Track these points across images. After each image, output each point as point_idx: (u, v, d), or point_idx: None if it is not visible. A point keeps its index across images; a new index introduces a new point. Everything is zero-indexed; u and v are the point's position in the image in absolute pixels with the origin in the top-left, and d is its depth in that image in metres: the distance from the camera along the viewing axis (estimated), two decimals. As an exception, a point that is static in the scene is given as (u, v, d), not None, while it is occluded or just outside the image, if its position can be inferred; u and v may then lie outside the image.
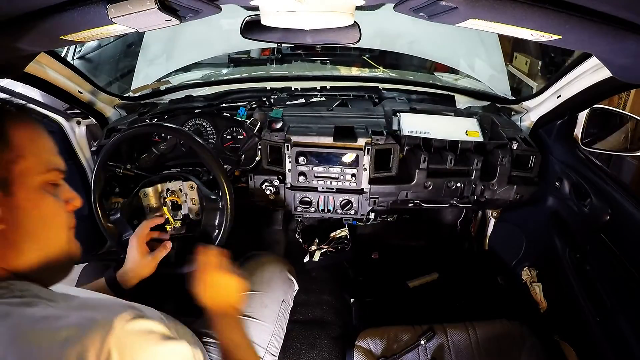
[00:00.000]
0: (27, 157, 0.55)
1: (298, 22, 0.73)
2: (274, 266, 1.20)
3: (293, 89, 1.67)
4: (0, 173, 0.53)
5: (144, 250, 1.01)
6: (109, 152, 1.12)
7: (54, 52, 1.21)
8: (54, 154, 0.60)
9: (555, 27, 0.59)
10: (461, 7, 0.54)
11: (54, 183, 0.59)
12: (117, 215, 1.13)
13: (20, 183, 0.54)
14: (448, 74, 2.31)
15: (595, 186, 1.13)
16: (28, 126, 0.57)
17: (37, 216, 0.57)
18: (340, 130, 1.28)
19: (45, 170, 0.57)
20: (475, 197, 1.34)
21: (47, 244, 0.58)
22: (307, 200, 1.35)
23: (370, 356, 1.09)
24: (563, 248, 1.27)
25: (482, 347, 1.12)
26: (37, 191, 0.56)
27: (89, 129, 1.51)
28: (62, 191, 0.62)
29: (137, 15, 0.59)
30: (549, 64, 3.09)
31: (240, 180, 1.36)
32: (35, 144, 0.57)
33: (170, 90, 1.76)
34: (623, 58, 0.73)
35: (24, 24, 0.64)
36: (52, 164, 0.59)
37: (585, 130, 1.21)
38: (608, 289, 1.08)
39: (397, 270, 1.75)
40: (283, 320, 1.12)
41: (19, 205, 0.54)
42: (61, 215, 0.60)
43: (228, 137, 1.42)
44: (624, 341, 1.00)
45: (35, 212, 0.56)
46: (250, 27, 0.93)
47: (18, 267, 0.55)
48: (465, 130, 1.37)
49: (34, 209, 0.56)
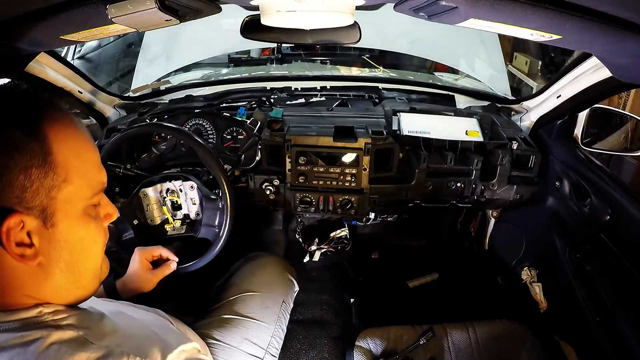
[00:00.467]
0: (73, 181, 0.47)
1: (298, 22, 0.73)
2: (275, 267, 1.20)
3: (293, 89, 1.67)
4: (41, 201, 0.45)
5: (145, 265, 0.99)
6: (109, 152, 1.12)
7: (54, 52, 1.21)
8: (99, 168, 0.52)
9: (555, 27, 0.59)
10: (461, 7, 0.54)
11: (95, 204, 0.52)
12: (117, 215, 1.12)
13: (64, 212, 0.47)
14: (448, 74, 2.31)
15: (595, 186, 1.13)
16: (70, 130, 0.48)
17: (79, 247, 0.50)
18: (340, 130, 1.28)
19: (92, 194, 0.50)
20: (475, 197, 1.34)
21: (84, 273, 0.53)
22: (307, 200, 1.35)
23: (370, 356, 1.09)
24: (563, 248, 1.27)
25: (482, 347, 1.12)
26: (79, 218, 0.49)
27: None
28: (102, 207, 0.55)
29: (137, 15, 0.59)
30: (549, 64, 3.09)
31: (240, 180, 1.35)
32: (82, 159, 0.48)
33: (170, 90, 1.76)
34: (623, 58, 0.73)
35: (24, 24, 0.64)
36: (98, 184, 0.51)
37: (585, 130, 1.21)
38: (608, 289, 1.08)
39: (397, 270, 1.75)
40: (283, 320, 1.12)
41: (60, 237, 0.47)
42: (101, 238, 0.54)
43: (228, 137, 1.42)
44: (624, 341, 1.00)
45: (77, 242, 0.50)
46: (250, 27, 0.93)
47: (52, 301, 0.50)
48: (465, 130, 1.37)
49: (76, 241, 0.50)
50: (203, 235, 1.15)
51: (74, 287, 0.52)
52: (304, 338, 1.42)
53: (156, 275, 0.97)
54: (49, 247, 0.47)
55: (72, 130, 0.49)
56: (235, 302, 1.06)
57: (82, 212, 0.50)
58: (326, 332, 1.45)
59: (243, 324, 1.01)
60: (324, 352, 1.39)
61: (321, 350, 1.39)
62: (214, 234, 1.12)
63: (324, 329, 1.46)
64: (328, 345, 1.41)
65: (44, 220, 0.46)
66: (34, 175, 0.44)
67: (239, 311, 1.04)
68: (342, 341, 1.41)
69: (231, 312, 1.03)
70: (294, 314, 1.16)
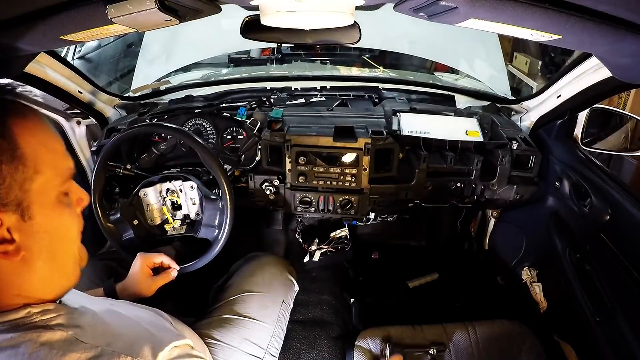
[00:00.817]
0: (43, 171, 0.48)
1: (298, 22, 0.73)
2: (275, 267, 1.20)
3: (293, 89, 1.67)
4: (15, 196, 0.45)
5: (146, 271, 1.00)
6: (109, 152, 1.12)
7: (54, 52, 1.21)
8: (65, 155, 0.53)
9: (555, 27, 0.59)
10: (461, 7, 0.54)
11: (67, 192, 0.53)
12: (117, 215, 1.13)
13: (39, 203, 0.47)
14: (448, 74, 2.31)
15: (595, 186, 1.13)
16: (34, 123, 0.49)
17: (58, 236, 0.51)
18: (340, 130, 1.28)
19: (62, 181, 0.51)
20: (475, 197, 1.34)
21: (64, 260, 0.54)
22: (307, 200, 1.35)
23: (370, 356, 1.09)
24: (563, 248, 1.27)
25: (482, 347, 1.12)
26: (54, 207, 0.50)
27: (89, 129, 1.51)
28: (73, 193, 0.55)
29: (137, 15, 0.59)
30: (549, 64, 3.09)
31: (240, 180, 1.35)
32: (48, 149, 0.49)
33: (170, 90, 1.76)
34: (623, 58, 0.73)
35: (24, 24, 0.64)
36: (67, 170, 0.52)
37: (585, 130, 1.21)
38: (608, 289, 1.08)
39: (397, 270, 1.75)
40: (283, 321, 1.12)
41: (39, 229, 0.48)
42: (75, 224, 0.55)
43: (228, 137, 1.42)
44: (624, 341, 1.00)
45: (55, 231, 0.50)
46: (250, 27, 0.93)
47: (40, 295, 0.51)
48: (465, 130, 1.37)
49: (54, 230, 0.50)
50: (203, 235, 1.15)
51: (57, 276, 0.53)
52: (304, 338, 1.42)
53: (156, 282, 0.98)
54: (29, 240, 0.47)
55: (36, 122, 0.49)
56: (235, 302, 1.06)
57: (56, 201, 0.50)
58: (326, 332, 1.45)
59: (243, 324, 1.01)
60: (324, 352, 1.39)
61: (321, 350, 1.39)
62: (214, 234, 1.12)
63: (324, 329, 1.46)
64: (328, 345, 1.41)
65: (21, 214, 0.46)
66: (5, 172, 0.44)
67: (239, 311, 1.04)
68: (342, 341, 1.41)
69: (231, 312, 1.03)
70: (294, 314, 1.16)
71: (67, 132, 1.48)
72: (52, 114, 1.43)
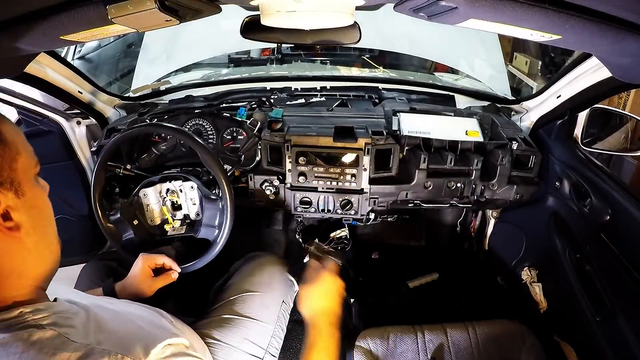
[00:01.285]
0: (22, 152, 0.53)
1: (298, 22, 0.73)
2: (274, 267, 1.20)
3: (293, 89, 1.67)
4: (7, 175, 0.50)
5: (147, 272, 1.00)
6: (109, 152, 1.12)
7: (54, 52, 1.21)
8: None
9: (555, 27, 0.59)
10: (461, 7, 0.54)
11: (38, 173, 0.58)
12: (117, 215, 1.13)
13: (26, 180, 0.52)
14: (448, 74, 2.31)
15: (595, 186, 1.13)
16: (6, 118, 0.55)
17: (45, 211, 0.55)
18: (340, 131, 1.28)
19: (35, 162, 0.56)
20: (475, 197, 1.34)
21: (50, 235, 0.57)
22: (307, 200, 1.35)
23: (370, 356, 1.09)
24: (563, 248, 1.27)
25: (482, 347, 1.12)
26: (36, 185, 0.55)
27: (89, 129, 1.51)
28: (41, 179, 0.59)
29: (137, 15, 0.59)
30: (549, 64, 3.09)
31: (240, 180, 1.35)
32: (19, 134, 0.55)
33: (170, 90, 1.76)
34: (623, 58, 0.73)
35: (24, 24, 0.64)
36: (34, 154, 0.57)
37: (585, 130, 1.21)
38: (608, 289, 1.08)
39: (397, 270, 1.75)
40: (283, 321, 1.12)
41: (31, 204, 0.52)
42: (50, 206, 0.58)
43: (228, 137, 1.42)
44: (624, 341, 1.00)
45: (42, 206, 0.55)
46: (250, 27, 0.93)
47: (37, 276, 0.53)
48: (465, 130, 1.37)
49: (42, 205, 0.55)
50: (203, 235, 1.15)
51: (47, 252, 0.56)
52: (304, 338, 1.42)
53: (156, 283, 0.99)
54: (26, 216, 0.51)
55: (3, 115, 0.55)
56: (235, 302, 1.06)
57: (34, 179, 0.55)
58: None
59: (243, 324, 1.01)
60: (324, 352, 1.38)
61: (321, 350, 1.39)
62: (214, 234, 1.12)
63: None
64: (328, 345, 1.40)
65: (15, 191, 0.51)
66: None
67: (239, 311, 1.04)
68: (342, 341, 1.40)
69: (231, 312, 1.03)
70: (294, 314, 1.16)
71: (67, 132, 1.48)
72: (52, 114, 1.43)
